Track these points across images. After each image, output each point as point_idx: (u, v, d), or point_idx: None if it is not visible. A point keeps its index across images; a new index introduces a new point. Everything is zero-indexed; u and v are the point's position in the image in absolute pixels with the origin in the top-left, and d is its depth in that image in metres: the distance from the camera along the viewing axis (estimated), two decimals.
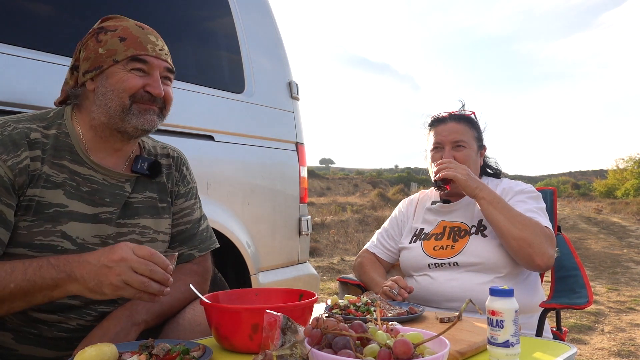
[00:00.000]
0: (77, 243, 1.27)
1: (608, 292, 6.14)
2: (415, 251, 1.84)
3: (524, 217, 1.64)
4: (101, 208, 1.32)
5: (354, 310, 1.38)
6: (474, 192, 1.69)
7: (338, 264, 7.80)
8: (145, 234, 1.39)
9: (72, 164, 1.30)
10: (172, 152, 1.54)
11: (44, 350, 1.29)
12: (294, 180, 2.60)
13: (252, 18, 2.53)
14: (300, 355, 0.86)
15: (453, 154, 1.83)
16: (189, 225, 1.51)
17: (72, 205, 1.27)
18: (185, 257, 1.49)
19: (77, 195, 1.29)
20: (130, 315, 1.27)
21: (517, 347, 1.06)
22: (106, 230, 1.32)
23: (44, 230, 1.23)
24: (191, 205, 1.53)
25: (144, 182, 1.43)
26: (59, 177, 1.27)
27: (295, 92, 2.67)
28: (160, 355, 1.04)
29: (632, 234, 12.96)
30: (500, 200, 1.68)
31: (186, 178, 1.55)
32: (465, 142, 1.84)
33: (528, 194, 1.79)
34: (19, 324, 1.27)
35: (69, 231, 1.26)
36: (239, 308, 1.17)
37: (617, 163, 39.06)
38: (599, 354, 3.77)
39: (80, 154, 1.31)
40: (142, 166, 1.41)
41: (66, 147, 1.30)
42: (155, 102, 1.33)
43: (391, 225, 2.05)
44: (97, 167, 1.33)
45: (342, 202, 20.83)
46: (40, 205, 1.23)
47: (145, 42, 1.32)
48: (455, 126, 1.86)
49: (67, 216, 1.26)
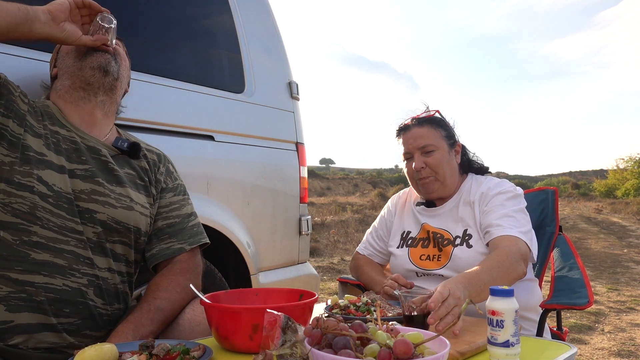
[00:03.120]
0: (53, 190, 1.31)
1: (608, 292, 6.13)
2: (402, 259, 1.82)
3: (499, 264, 1.48)
4: (77, 165, 1.37)
5: (354, 310, 1.38)
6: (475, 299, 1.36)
7: (338, 264, 7.80)
8: (120, 200, 1.41)
9: (53, 126, 1.38)
10: (156, 150, 1.60)
11: (38, 315, 1.27)
12: (294, 180, 2.60)
13: (252, 17, 2.53)
14: (300, 355, 0.86)
15: (424, 160, 1.77)
16: (178, 219, 1.53)
17: (50, 156, 1.33)
18: (175, 250, 1.49)
19: (55, 150, 1.35)
20: (136, 329, 1.27)
21: (517, 347, 1.06)
22: (80, 186, 1.36)
23: (22, 170, 1.28)
24: (180, 200, 1.57)
25: (123, 160, 1.48)
26: (42, 130, 1.35)
27: (295, 92, 2.66)
28: (160, 355, 1.04)
29: (632, 234, 12.95)
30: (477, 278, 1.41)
31: (173, 174, 1.60)
32: (433, 144, 1.78)
33: (506, 194, 1.72)
34: (7, 292, 1.26)
35: (44, 177, 1.30)
36: (239, 308, 1.17)
37: (617, 163, 39.04)
38: (599, 354, 3.77)
39: (60, 119, 1.41)
40: (123, 144, 1.48)
41: (48, 114, 1.40)
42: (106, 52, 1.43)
43: (380, 225, 2.02)
44: (77, 130, 1.41)
45: (342, 202, 20.83)
46: (23, 147, 1.29)
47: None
48: (419, 131, 1.80)
49: (44, 164, 1.32)
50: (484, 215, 1.70)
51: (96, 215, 1.37)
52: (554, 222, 1.90)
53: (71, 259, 1.31)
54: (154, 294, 1.37)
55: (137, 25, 2.04)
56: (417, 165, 1.78)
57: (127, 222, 1.41)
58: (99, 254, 1.37)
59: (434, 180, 1.79)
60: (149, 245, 1.51)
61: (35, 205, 1.27)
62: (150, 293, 1.38)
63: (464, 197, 1.81)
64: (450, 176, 1.81)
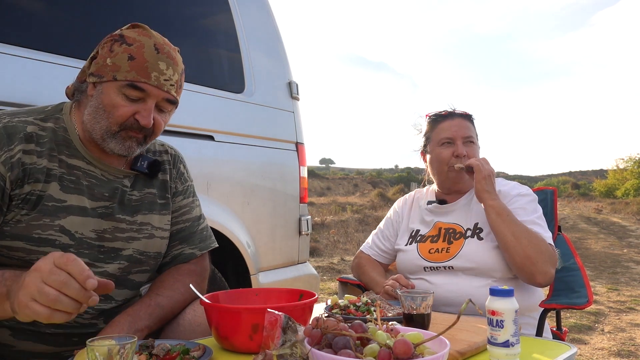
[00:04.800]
0: (75, 238, 1.27)
1: (608, 292, 6.14)
2: (411, 254, 1.83)
3: (531, 234, 1.61)
4: (99, 202, 1.32)
5: (354, 310, 1.38)
6: (483, 194, 1.68)
7: (338, 264, 7.80)
8: (142, 231, 1.39)
9: (70, 159, 1.29)
10: (170, 150, 1.54)
11: (42, 346, 1.28)
12: (294, 180, 2.60)
13: (252, 17, 2.53)
14: (300, 355, 0.86)
15: (464, 150, 1.80)
16: (188, 224, 1.50)
17: (71, 200, 1.27)
18: (187, 256, 1.48)
19: (76, 189, 1.28)
20: (132, 321, 1.26)
21: (517, 347, 1.06)
22: (102, 225, 1.32)
23: (42, 224, 1.22)
24: (189, 203, 1.53)
25: (144, 179, 1.43)
26: (58, 170, 1.26)
27: (295, 92, 2.67)
28: (160, 355, 1.04)
29: (632, 234, 12.95)
30: (508, 213, 1.65)
31: (184, 176, 1.54)
32: (474, 138, 1.84)
33: (526, 197, 1.77)
34: (16, 320, 1.26)
35: (67, 225, 1.25)
36: (239, 308, 1.17)
37: (617, 163, 39.03)
38: (599, 354, 3.77)
39: (80, 148, 1.31)
40: (142, 164, 1.40)
41: (64, 142, 1.29)
42: (143, 131, 1.30)
43: (386, 225, 2.03)
44: (96, 162, 1.33)
45: (342, 202, 20.82)
46: (39, 199, 1.22)
47: (152, 68, 1.26)
48: (464, 122, 1.85)
49: (65, 210, 1.26)
50: None
51: (122, 252, 1.35)
52: (552, 222, 1.90)
53: None
54: (157, 290, 1.37)
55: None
56: (461, 151, 1.80)
57: (149, 250, 1.40)
58: (118, 287, 1.35)
59: (466, 172, 1.80)
60: None
61: None
62: (154, 289, 1.38)
63: None
64: None
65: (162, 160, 1.49)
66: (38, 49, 1.68)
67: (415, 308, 1.23)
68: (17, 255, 1.23)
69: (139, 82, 1.25)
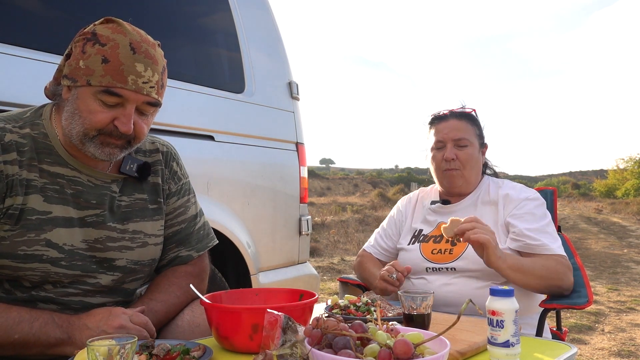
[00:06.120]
0: (64, 250, 1.22)
1: (608, 292, 6.13)
2: (414, 254, 1.82)
3: (546, 266, 1.58)
4: (87, 211, 1.26)
5: (354, 310, 1.38)
6: (497, 262, 1.51)
7: (338, 264, 7.80)
8: (135, 240, 1.34)
9: (53, 166, 1.22)
10: (161, 147, 1.44)
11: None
12: (294, 180, 2.60)
13: (252, 17, 2.53)
14: (300, 355, 0.86)
15: (455, 152, 1.78)
16: (184, 225, 1.44)
17: (56, 211, 1.21)
18: (184, 258, 1.44)
19: (61, 199, 1.22)
20: None
21: (517, 347, 1.06)
22: (92, 235, 1.27)
23: (27, 239, 1.17)
24: (184, 202, 1.45)
25: (133, 183, 1.35)
26: (39, 181, 1.20)
27: (295, 92, 2.66)
28: (160, 355, 1.04)
29: (632, 234, 12.95)
30: (521, 263, 1.57)
31: (177, 174, 1.46)
32: (468, 139, 1.80)
33: (534, 201, 1.75)
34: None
35: (54, 239, 1.20)
36: (239, 308, 1.17)
37: (617, 163, 39.01)
38: (599, 354, 3.77)
39: (62, 154, 1.24)
40: (131, 167, 1.32)
41: (45, 149, 1.22)
42: (123, 137, 1.21)
43: (389, 224, 2.03)
44: (81, 167, 1.26)
45: (342, 202, 20.82)
46: (22, 213, 1.17)
47: (128, 72, 1.16)
48: (457, 123, 1.82)
49: (50, 223, 1.20)
50: (514, 218, 1.72)
51: (115, 262, 1.31)
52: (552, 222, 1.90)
53: (79, 309, 1.26)
54: (151, 295, 1.35)
55: (136, 25, 2.04)
56: (448, 155, 1.78)
57: (143, 259, 1.37)
58: (112, 296, 1.34)
59: (460, 175, 1.79)
60: None
61: (48, 272, 1.21)
62: (148, 293, 1.36)
63: (482, 196, 1.83)
64: (475, 174, 1.83)
65: (153, 161, 1.40)
66: (38, 49, 1.68)
67: (416, 308, 1.23)
68: (4, 272, 1.20)
69: (115, 88, 1.16)
